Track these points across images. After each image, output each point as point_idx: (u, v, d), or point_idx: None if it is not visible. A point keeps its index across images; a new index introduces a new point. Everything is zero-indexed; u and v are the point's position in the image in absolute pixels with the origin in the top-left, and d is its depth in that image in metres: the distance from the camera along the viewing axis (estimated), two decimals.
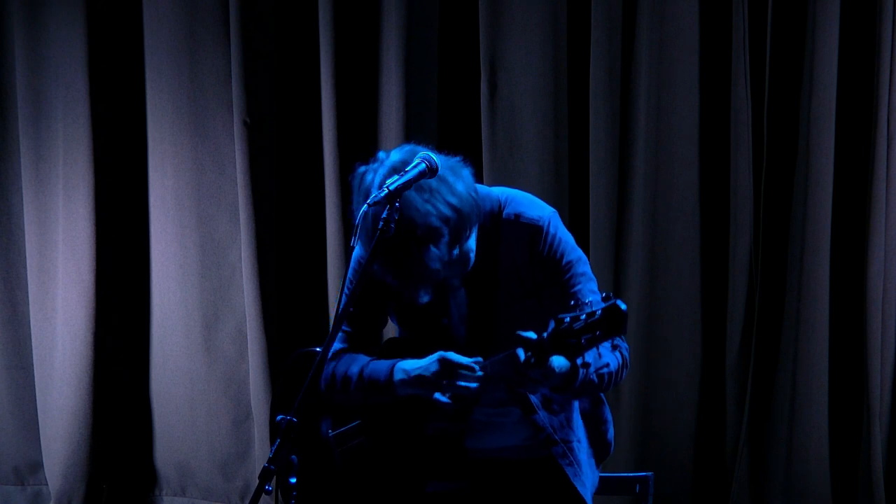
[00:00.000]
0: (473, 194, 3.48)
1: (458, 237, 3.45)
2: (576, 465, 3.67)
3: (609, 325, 3.23)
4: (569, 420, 3.69)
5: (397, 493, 3.67)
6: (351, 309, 3.56)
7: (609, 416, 3.82)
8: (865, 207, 5.07)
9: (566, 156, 5.35)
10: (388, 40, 5.49)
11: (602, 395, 3.80)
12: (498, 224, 3.59)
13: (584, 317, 3.26)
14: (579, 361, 3.39)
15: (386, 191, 3.34)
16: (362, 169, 3.50)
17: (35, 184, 5.91)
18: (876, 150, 5.03)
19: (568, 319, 3.27)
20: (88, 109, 5.83)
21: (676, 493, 5.27)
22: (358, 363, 3.65)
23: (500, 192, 3.65)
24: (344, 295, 3.66)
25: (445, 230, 3.40)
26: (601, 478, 3.99)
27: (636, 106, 5.25)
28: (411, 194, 3.37)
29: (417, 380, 3.54)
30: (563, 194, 5.35)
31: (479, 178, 5.31)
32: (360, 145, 5.57)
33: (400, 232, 3.34)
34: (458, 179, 3.46)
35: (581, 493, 3.65)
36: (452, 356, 3.49)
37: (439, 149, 3.53)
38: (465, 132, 5.44)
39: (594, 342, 3.26)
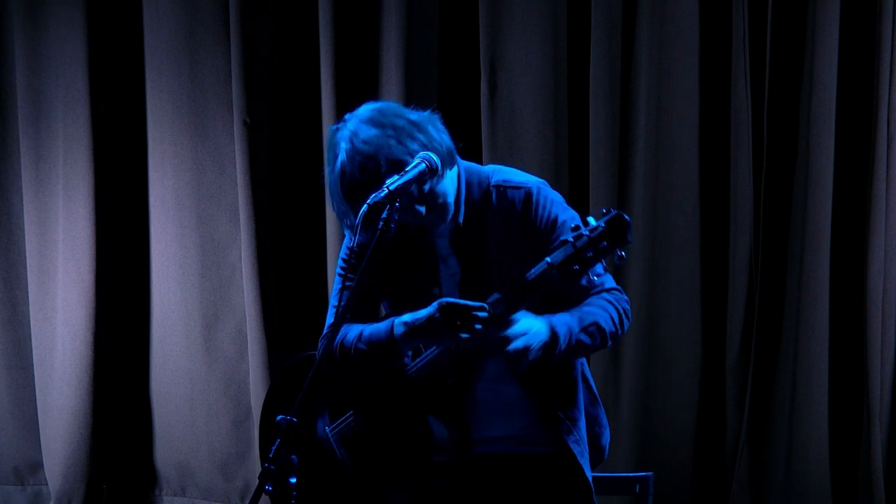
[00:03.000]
0: (444, 136, 3.52)
1: (428, 170, 3.44)
2: (582, 445, 3.64)
3: (613, 234, 3.26)
4: (577, 410, 3.66)
5: (393, 492, 3.66)
6: (345, 296, 3.56)
7: (605, 420, 3.79)
8: (865, 207, 5.07)
9: (566, 156, 5.35)
10: (388, 40, 5.49)
11: (598, 396, 3.79)
12: (487, 193, 3.60)
13: (587, 233, 3.27)
14: (568, 318, 3.42)
15: (386, 190, 3.35)
16: (334, 127, 3.56)
17: (35, 184, 5.91)
18: (876, 150, 5.03)
19: (571, 238, 3.29)
20: (88, 109, 5.83)
21: (676, 493, 5.27)
22: (355, 329, 3.63)
23: (488, 167, 3.68)
24: (336, 289, 3.68)
25: (411, 161, 3.43)
26: (601, 478, 3.98)
27: (636, 106, 5.25)
28: (378, 134, 3.42)
29: (422, 328, 3.50)
30: (563, 194, 5.33)
31: None
32: None
33: (366, 171, 3.40)
34: (428, 123, 3.50)
35: (588, 476, 3.63)
36: (453, 299, 3.45)
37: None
38: (465, 132, 5.42)
39: (601, 253, 3.27)
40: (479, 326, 3.40)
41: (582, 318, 3.50)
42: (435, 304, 3.46)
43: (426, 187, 3.48)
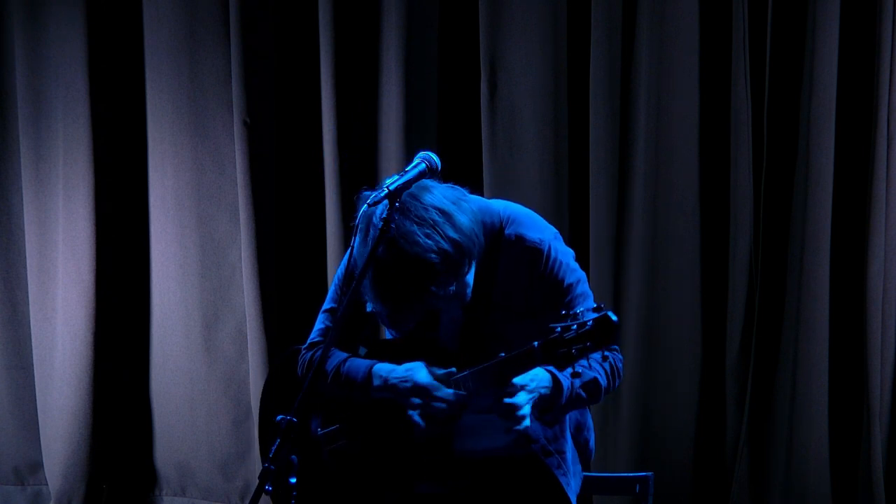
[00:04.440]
0: (476, 229, 3.46)
1: (457, 273, 3.43)
2: (569, 476, 3.67)
3: (600, 335, 3.27)
4: (562, 430, 3.69)
5: (385, 493, 3.66)
6: (334, 305, 3.57)
7: (591, 423, 3.83)
8: (865, 207, 5.07)
9: (566, 156, 5.35)
10: (388, 40, 5.49)
11: None
12: (498, 243, 3.58)
13: (574, 327, 3.28)
14: (568, 371, 3.42)
15: (386, 191, 3.35)
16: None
17: (35, 184, 5.91)
18: (876, 150, 5.03)
19: (559, 329, 3.30)
20: (88, 109, 5.83)
21: (676, 493, 5.27)
22: (336, 357, 3.66)
23: (501, 207, 3.63)
24: (331, 292, 3.68)
25: (443, 268, 3.38)
26: (601, 478, 4.00)
27: (636, 106, 5.25)
28: (413, 228, 3.36)
29: (392, 390, 3.57)
30: (563, 194, 5.35)
31: (478, 178, 5.35)
32: (360, 145, 5.57)
33: (398, 266, 3.35)
34: (461, 213, 3.43)
35: (570, 498, 3.66)
36: (424, 380, 3.50)
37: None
38: (465, 132, 5.44)
39: (585, 352, 3.29)
40: (440, 405, 3.48)
41: (581, 372, 3.50)
42: (409, 374, 3.52)
43: (452, 288, 3.44)
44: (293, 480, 3.23)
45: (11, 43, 5.92)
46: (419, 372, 3.54)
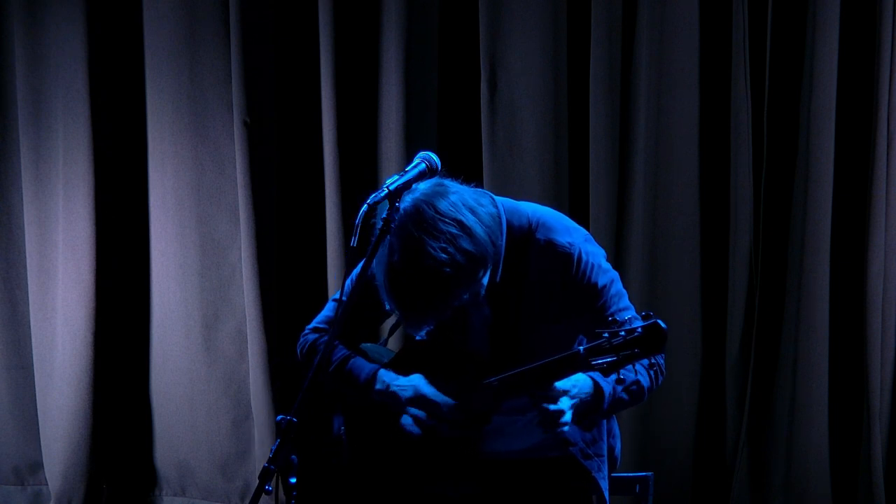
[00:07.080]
0: (494, 237, 3.44)
1: (470, 283, 3.42)
2: (606, 480, 3.68)
3: (648, 343, 3.28)
4: (600, 433, 3.69)
5: (410, 494, 3.66)
6: (344, 299, 3.57)
7: (617, 430, 3.83)
8: (865, 207, 5.07)
9: (566, 156, 5.35)
10: (388, 40, 5.49)
11: None
12: (528, 246, 3.56)
13: (623, 333, 3.28)
14: (613, 377, 3.43)
15: (386, 191, 3.35)
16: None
17: (35, 184, 5.91)
18: (876, 150, 5.03)
19: (607, 335, 3.31)
20: (88, 109, 5.83)
21: (676, 493, 5.27)
22: (340, 351, 3.67)
23: (531, 210, 3.61)
24: (345, 288, 3.68)
25: (457, 281, 3.37)
26: None
27: (636, 106, 5.25)
28: (429, 241, 3.35)
29: (392, 397, 3.58)
30: (563, 194, 5.35)
31: (479, 178, 5.34)
32: (360, 145, 5.57)
33: (414, 278, 3.34)
34: (478, 223, 3.42)
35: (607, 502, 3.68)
36: (428, 392, 3.52)
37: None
38: (465, 132, 5.44)
39: (631, 359, 3.29)
40: (437, 421, 3.50)
41: (624, 377, 3.52)
42: (412, 385, 3.54)
43: (465, 296, 3.44)
44: (293, 480, 3.23)
45: (11, 43, 5.91)
46: (420, 383, 3.55)
